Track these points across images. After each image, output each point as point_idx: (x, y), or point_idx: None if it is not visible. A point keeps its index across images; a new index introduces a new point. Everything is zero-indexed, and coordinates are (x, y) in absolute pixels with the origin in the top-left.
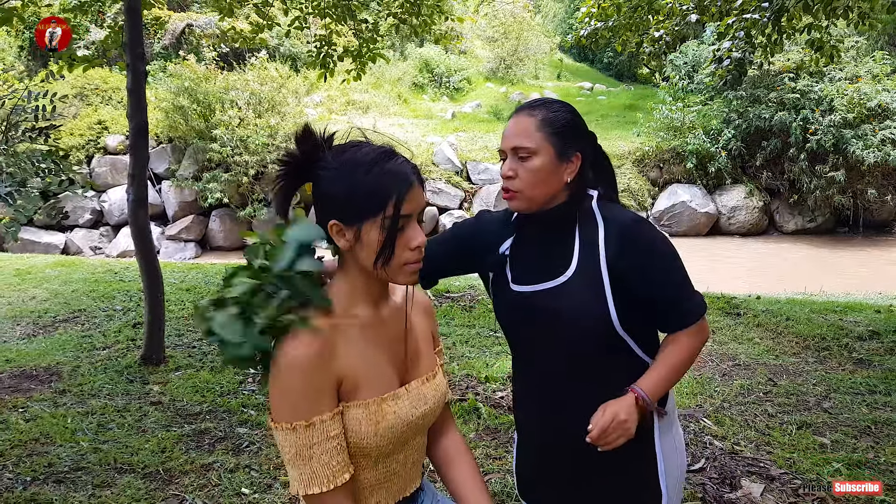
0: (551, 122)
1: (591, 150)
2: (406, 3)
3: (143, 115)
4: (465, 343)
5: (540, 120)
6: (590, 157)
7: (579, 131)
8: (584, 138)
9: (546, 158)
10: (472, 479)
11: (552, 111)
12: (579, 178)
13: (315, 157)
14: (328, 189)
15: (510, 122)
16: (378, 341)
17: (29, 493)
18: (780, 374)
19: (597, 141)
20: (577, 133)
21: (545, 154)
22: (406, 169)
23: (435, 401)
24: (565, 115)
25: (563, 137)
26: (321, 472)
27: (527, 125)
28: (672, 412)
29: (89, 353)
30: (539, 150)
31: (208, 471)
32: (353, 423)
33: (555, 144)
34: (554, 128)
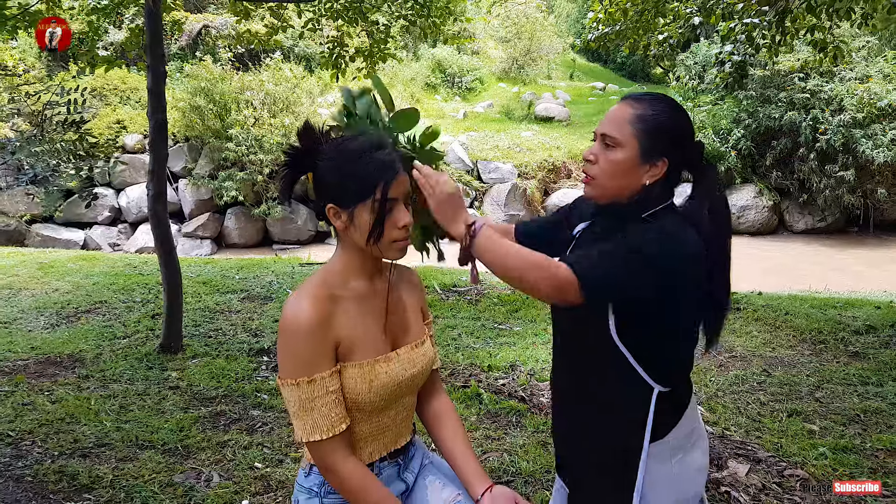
0: (647, 120)
1: (686, 160)
2: (416, 4)
3: (162, 114)
4: (471, 335)
5: (637, 114)
6: (680, 166)
7: (675, 137)
8: (680, 146)
9: (629, 154)
10: (459, 436)
11: (653, 109)
12: (661, 184)
13: (314, 150)
14: (325, 177)
15: (613, 106)
16: (372, 311)
17: (57, 465)
18: (775, 365)
19: (700, 152)
20: (672, 138)
21: (629, 149)
22: (393, 158)
23: (423, 365)
24: (666, 117)
25: (653, 138)
26: (322, 422)
27: (623, 115)
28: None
29: (110, 342)
30: (624, 144)
31: (224, 447)
32: (349, 381)
33: (642, 143)
34: (647, 125)
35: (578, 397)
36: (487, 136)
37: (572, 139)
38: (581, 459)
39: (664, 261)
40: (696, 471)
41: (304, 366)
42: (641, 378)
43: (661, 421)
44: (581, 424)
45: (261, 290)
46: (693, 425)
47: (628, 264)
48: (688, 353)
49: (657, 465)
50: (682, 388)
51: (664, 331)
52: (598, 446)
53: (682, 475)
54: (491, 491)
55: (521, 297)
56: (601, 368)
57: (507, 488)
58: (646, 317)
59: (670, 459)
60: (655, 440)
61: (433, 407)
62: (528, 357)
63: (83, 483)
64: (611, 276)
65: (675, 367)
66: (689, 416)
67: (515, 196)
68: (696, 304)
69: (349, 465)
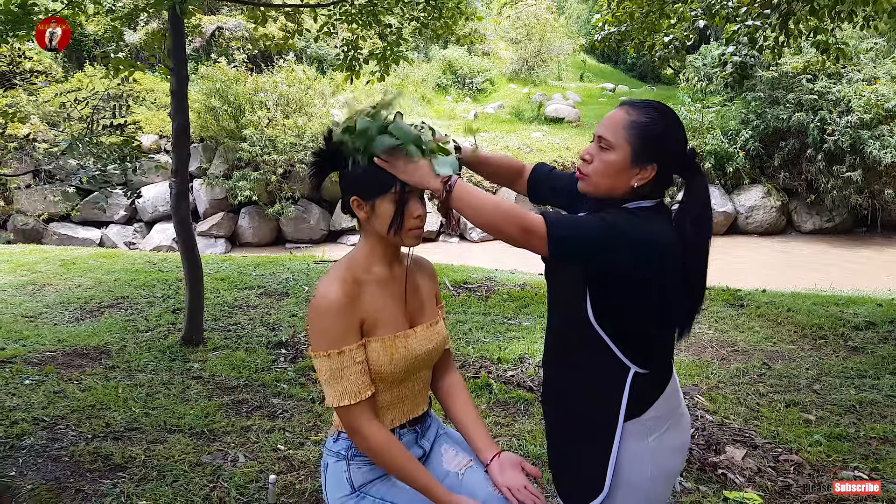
0: (639, 126)
1: (676, 166)
2: (427, 6)
3: (185, 116)
4: (481, 329)
5: (632, 120)
6: (669, 172)
7: (665, 145)
8: (669, 153)
9: (621, 156)
10: (470, 409)
11: (647, 116)
12: (650, 186)
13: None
14: (350, 173)
15: (612, 111)
16: (392, 293)
17: (91, 447)
18: (775, 359)
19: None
20: (662, 146)
21: (621, 152)
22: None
23: (437, 342)
24: (658, 125)
25: (644, 144)
26: (350, 388)
27: (618, 120)
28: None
29: (134, 335)
30: (617, 147)
31: (247, 432)
32: (373, 354)
33: (634, 147)
34: (639, 132)
35: (561, 375)
36: (498, 136)
37: (582, 140)
38: (563, 432)
39: (638, 243)
40: (674, 449)
41: (334, 340)
42: (618, 359)
43: (638, 400)
44: (563, 400)
45: (277, 286)
46: (672, 405)
47: (601, 232)
48: (665, 336)
49: (634, 442)
50: (661, 370)
51: (639, 314)
52: (577, 421)
53: (659, 452)
54: (499, 457)
55: (530, 293)
56: (580, 348)
57: (513, 454)
58: (620, 300)
59: (647, 437)
60: (632, 418)
61: (446, 382)
62: (537, 350)
63: (117, 462)
64: (580, 237)
65: (652, 350)
66: (668, 397)
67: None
68: (670, 291)
69: (373, 427)
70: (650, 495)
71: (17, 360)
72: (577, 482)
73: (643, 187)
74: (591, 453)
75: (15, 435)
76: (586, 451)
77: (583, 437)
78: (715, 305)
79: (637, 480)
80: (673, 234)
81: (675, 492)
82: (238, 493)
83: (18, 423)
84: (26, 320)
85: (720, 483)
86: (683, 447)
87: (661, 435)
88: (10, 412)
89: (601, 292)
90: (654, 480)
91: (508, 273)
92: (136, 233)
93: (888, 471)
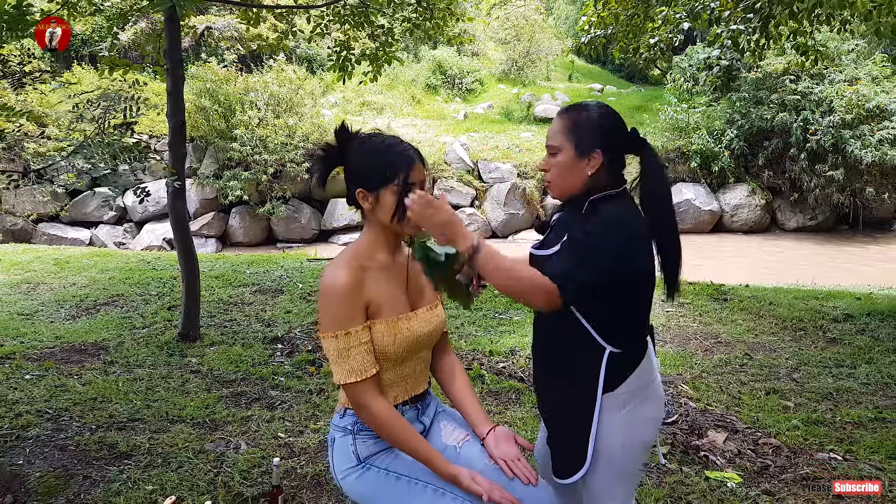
0: (574, 123)
1: (620, 146)
2: (419, 7)
3: (181, 115)
4: (473, 324)
5: (565, 121)
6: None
7: (600, 130)
8: (607, 136)
9: (567, 155)
10: (467, 387)
11: (578, 113)
12: (605, 172)
13: (346, 146)
14: (355, 166)
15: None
16: (394, 278)
17: (96, 436)
18: (757, 350)
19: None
20: (600, 132)
21: (566, 151)
22: (410, 151)
23: (436, 324)
24: (590, 116)
25: (581, 136)
26: (356, 367)
27: (556, 127)
28: (631, 396)
29: (131, 332)
30: (562, 148)
31: (248, 421)
32: (377, 335)
33: (575, 143)
34: (575, 128)
35: (545, 356)
36: (488, 136)
37: None
38: (549, 408)
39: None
40: (648, 420)
41: (341, 322)
42: (594, 340)
43: (613, 376)
44: (548, 379)
45: (271, 283)
46: (646, 380)
47: (589, 264)
48: (639, 317)
49: (609, 414)
50: (635, 348)
51: (613, 299)
52: (560, 398)
53: (633, 423)
54: (494, 431)
55: None
56: (560, 331)
57: (507, 429)
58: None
59: (621, 409)
60: (607, 392)
61: (444, 363)
62: (527, 343)
63: (122, 451)
64: (582, 282)
65: (626, 331)
66: (643, 370)
67: (515, 195)
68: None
69: (378, 402)
70: (625, 464)
71: (17, 356)
72: (563, 456)
73: (599, 175)
74: (573, 428)
75: (20, 426)
76: (569, 427)
77: (566, 415)
78: (699, 300)
79: (613, 450)
80: (639, 213)
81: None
82: (241, 478)
83: (23, 415)
84: (23, 318)
85: (702, 464)
86: (656, 419)
87: (634, 407)
88: (13, 405)
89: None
90: (628, 450)
91: None
92: (126, 233)
93: (861, 453)
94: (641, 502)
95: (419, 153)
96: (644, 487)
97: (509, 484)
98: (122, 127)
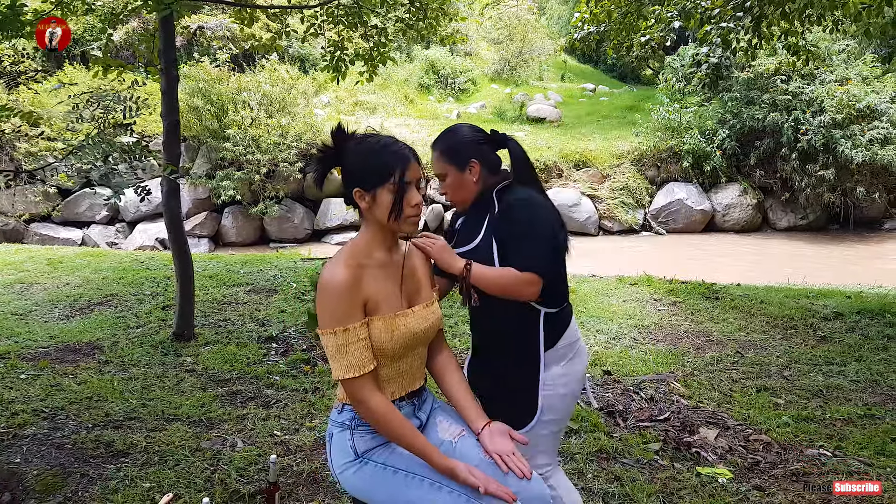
0: (445, 149)
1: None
2: (412, 7)
3: (175, 115)
4: (466, 323)
5: (440, 150)
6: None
7: (469, 144)
8: (473, 146)
9: (454, 175)
10: (462, 384)
11: (446, 139)
12: (487, 174)
13: (343, 147)
14: (352, 166)
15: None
16: (391, 276)
17: (93, 435)
18: (748, 348)
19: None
20: (469, 147)
21: (452, 172)
22: (406, 150)
23: (433, 321)
24: (456, 137)
25: (455, 155)
26: (354, 362)
27: (434, 158)
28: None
29: (125, 331)
30: (447, 172)
31: (244, 419)
32: (375, 331)
33: (454, 163)
34: (448, 152)
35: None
36: None
37: (563, 139)
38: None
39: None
40: (580, 373)
41: (339, 318)
42: (530, 304)
43: (551, 334)
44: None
45: (265, 283)
46: (575, 338)
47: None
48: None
49: (552, 367)
50: (564, 307)
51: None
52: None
53: (570, 375)
54: (489, 426)
55: None
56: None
57: (502, 424)
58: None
59: (560, 363)
60: (549, 349)
61: (440, 360)
62: None
63: (119, 449)
64: (547, 258)
65: (557, 291)
66: (571, 330)
67: None
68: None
69: (376, 398)
70: (563, 413)
71: (11, 355)
72: (512, 410)
73: (484, 178)
74: (523, 385)
75: (17, 425)
76: (520, 386)
77: (513, 377)
78: (691, 298)
79: (555, 400)
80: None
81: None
82: (238, 475)
83: (19, 414)
84: (16, 318)
85: (694, 460)
86: (584, 374)
87: (569, 361)
88: (9, 404)
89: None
90: (566, 399)
91: None
92: (119, 233)
93: (850, 449)
94: (634, 497)
95: (414, 152)
96: (636, 483)
97: (504, 478)
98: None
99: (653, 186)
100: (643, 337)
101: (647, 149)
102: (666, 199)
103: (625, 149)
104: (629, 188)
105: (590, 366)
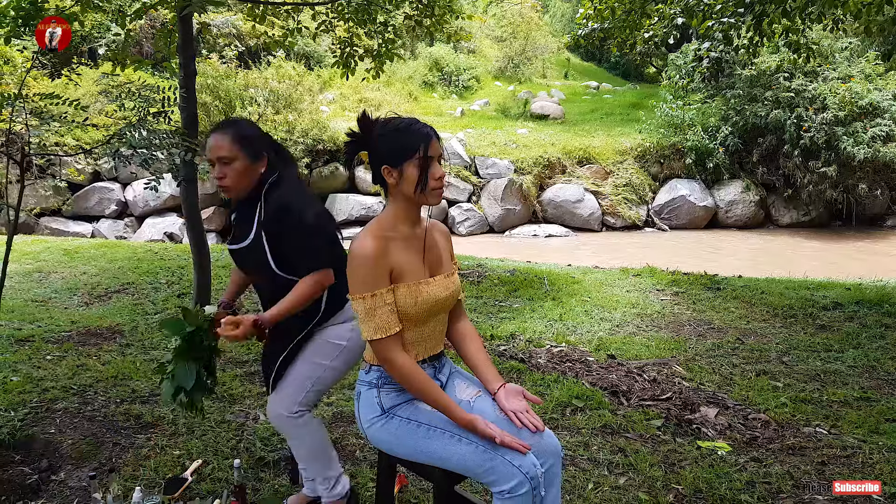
0: (241, 136)
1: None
2: (420, 4)
3: (193, 107)
4: (474, 311)
5: (231, 135)
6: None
7: (263, 139)
8: (268, 141)
9: (243, 162)
10: (480, 349)
11: (240, 128)
12: (268, 171)
13: (369, 130)
14: (380, 146)
15: (210, 138)
16: (415, 248)
17: (122, 408)
18: (748, 335)
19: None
20: (262, 141)
21: (241, 159)
22: (427, 129)
23: (453, 290)
24: (251, 129)
25: (250, 144)
26: (381, 325)
27: (223, 141)
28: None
29: (143, 317)
30: (236, 157)
31: (264, 396)
32: (400, 297)
33: (246, 151)
34: (244, 139)
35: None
36: (484, 133)
37: (567, 136)
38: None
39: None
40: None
41: (368, 284)
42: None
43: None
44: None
45: None
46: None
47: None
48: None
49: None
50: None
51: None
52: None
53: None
54: (504, 387)
55: (519, 278)
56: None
57: (516, 385)
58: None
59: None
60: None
61: (459, 327)
62: (527, 328)
63: (148, 421)
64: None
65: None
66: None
67: (511, 191)
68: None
69: (402, 357)
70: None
71: (36, 338)
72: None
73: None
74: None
75: (48, 400)
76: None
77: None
78: (693, 289)
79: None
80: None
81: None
82: (262, 444)
83: (49, 390)
84: (37, 304)
85: (694, 435)
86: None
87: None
88: (39, 381)
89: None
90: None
91: (498, 261)
92: (128, 227)
93: (845, 427)
94: (637, 467)
95: (435, 131)
96: (640, 454)
97: (518, 433)
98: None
99: (656, 183)
100: (646, 325)
101: (650, 145)
102: (669, 196)
103: (628, 145)
104: (632, 184)
105: (594, 350)
